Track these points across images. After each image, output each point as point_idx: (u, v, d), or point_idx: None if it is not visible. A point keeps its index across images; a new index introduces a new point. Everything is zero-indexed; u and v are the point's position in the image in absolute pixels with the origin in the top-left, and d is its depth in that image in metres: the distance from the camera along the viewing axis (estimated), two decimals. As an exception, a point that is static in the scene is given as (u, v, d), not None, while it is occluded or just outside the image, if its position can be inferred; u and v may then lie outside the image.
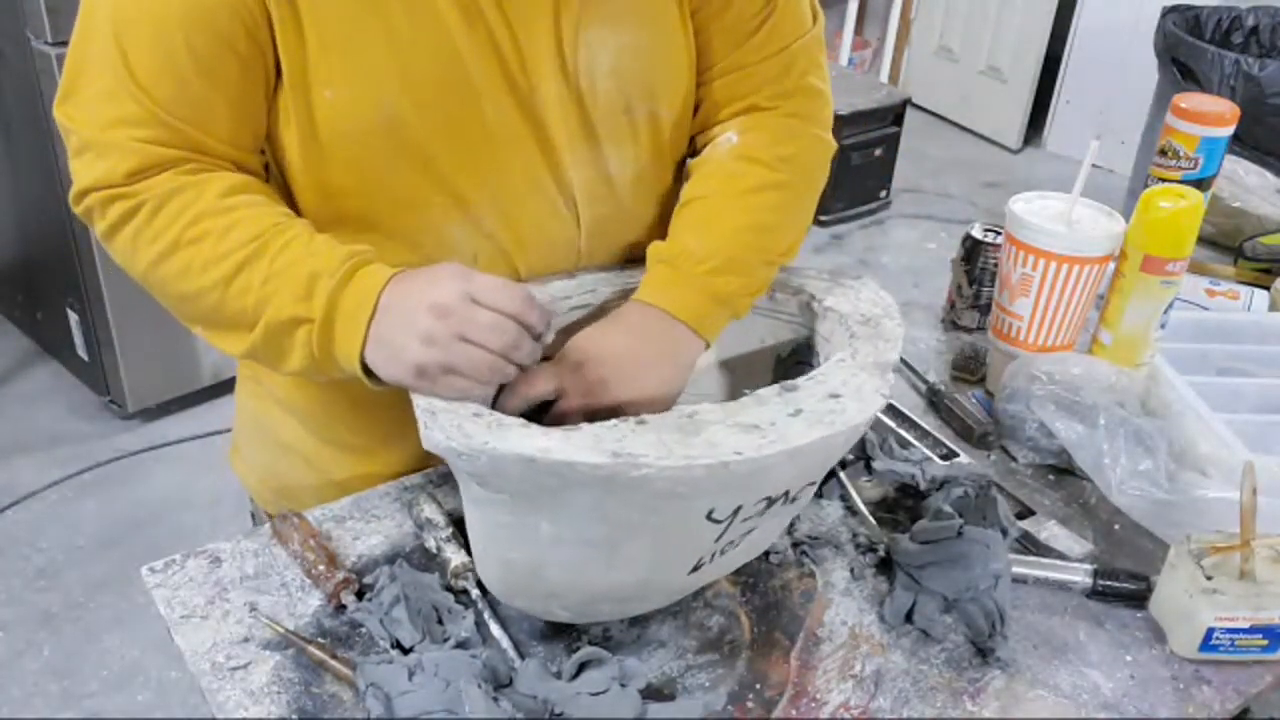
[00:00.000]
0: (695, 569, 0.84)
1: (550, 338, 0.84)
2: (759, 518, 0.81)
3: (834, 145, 1.05)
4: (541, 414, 0.88)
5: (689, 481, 0.73)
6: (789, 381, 0.82)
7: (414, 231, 0.93)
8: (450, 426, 0.75)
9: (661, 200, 1.06)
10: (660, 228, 1.07)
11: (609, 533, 0.78)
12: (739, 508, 0.78)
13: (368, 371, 0.83)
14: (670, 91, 0.99)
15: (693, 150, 1.05)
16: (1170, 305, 1.16)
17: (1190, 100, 1.38)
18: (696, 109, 1.03)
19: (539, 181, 0.95)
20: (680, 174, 1.06)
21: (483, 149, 0.91)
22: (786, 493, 0.80)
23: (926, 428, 1.18)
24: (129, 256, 0.88)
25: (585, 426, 0.76)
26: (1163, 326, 1.17)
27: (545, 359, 0.92)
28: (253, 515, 1.22)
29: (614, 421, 0.76)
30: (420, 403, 0.79)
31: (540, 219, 0.97)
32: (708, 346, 0.95)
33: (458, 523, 0.96)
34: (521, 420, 0.77)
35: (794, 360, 1.01)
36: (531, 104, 0.91)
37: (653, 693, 0.85)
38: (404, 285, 0.82)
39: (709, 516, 0.77)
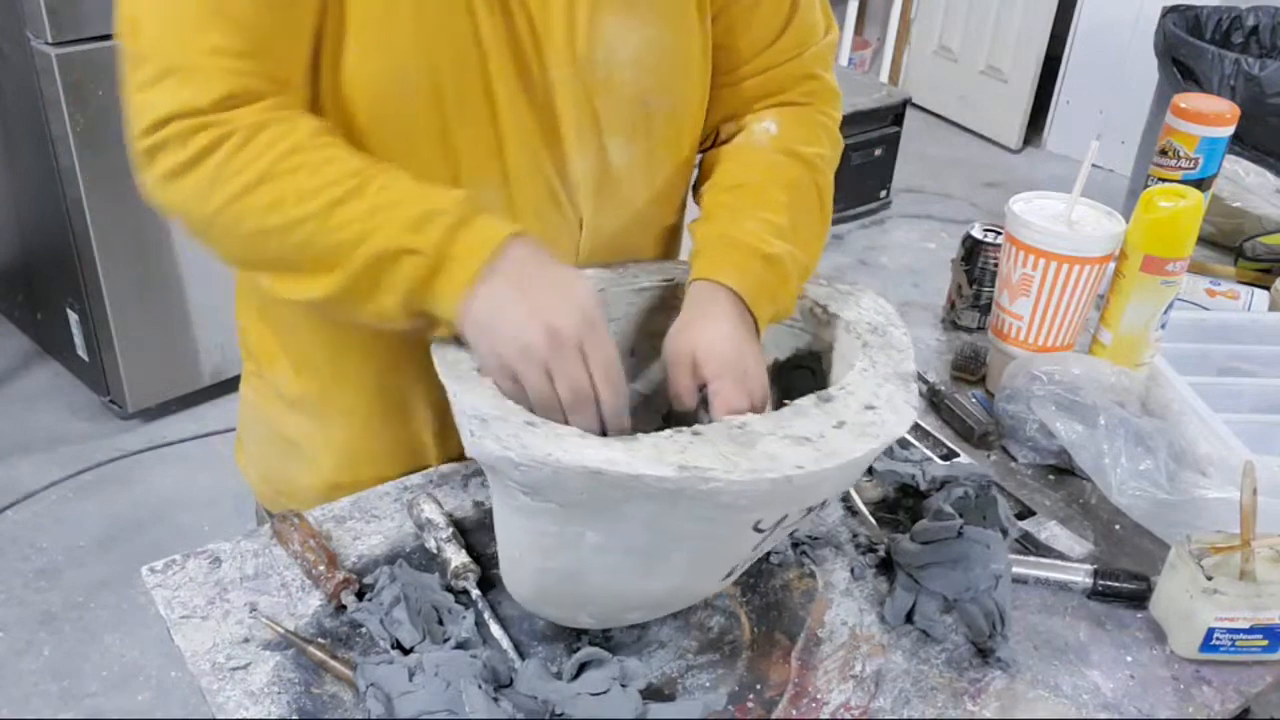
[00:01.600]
0: (728, 575, 0.85)
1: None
2: (794, 525, 0.82)
3: (843, 144, 1.08)
4: None
5: (753, 495, 0.73)
6: (824, 392, 0.82)
7: None
8: (507, 436, 0.73)
9: (666, 204, 1.06)
10: (666, 239, 1.07)
11: (656, 542, 0.78)
12: (784, 517, 0.79)
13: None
14: (685, 90, 1.00)
15: (714, 141, 1.06)
16: (1170, 305, 1.16)
17: (1190, 100, 1.38)
18: (725, 105, 1.04)
19: (542, 169, 0.95)
20: (686, 180, 1.07)
21: (489, 128, 0.91)
22: (825, 502, 0.82)
23: (926, 428, 1.18)
24: (203, 192, 0.84)
25: (642, 437, 0.75)
26: (1163, 326, 1.17)
27: None
28: (257, 512, 1.22)
29: (669, 432, 0.76)
30: (466, 409, 0.77)
31: (541, 208, 0.97)
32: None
33: (458, 523, 0.96)
34: (577, 430, 0.76)
35: (793, 365, 1.02)
36: (542, 89, 0.92)
37: (653, 693, 0.84)
38: (532, 261, 0.81)
39: (755, 527, 0.78)
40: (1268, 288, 1.44)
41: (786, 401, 0.82)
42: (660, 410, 0.99)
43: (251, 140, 0.82)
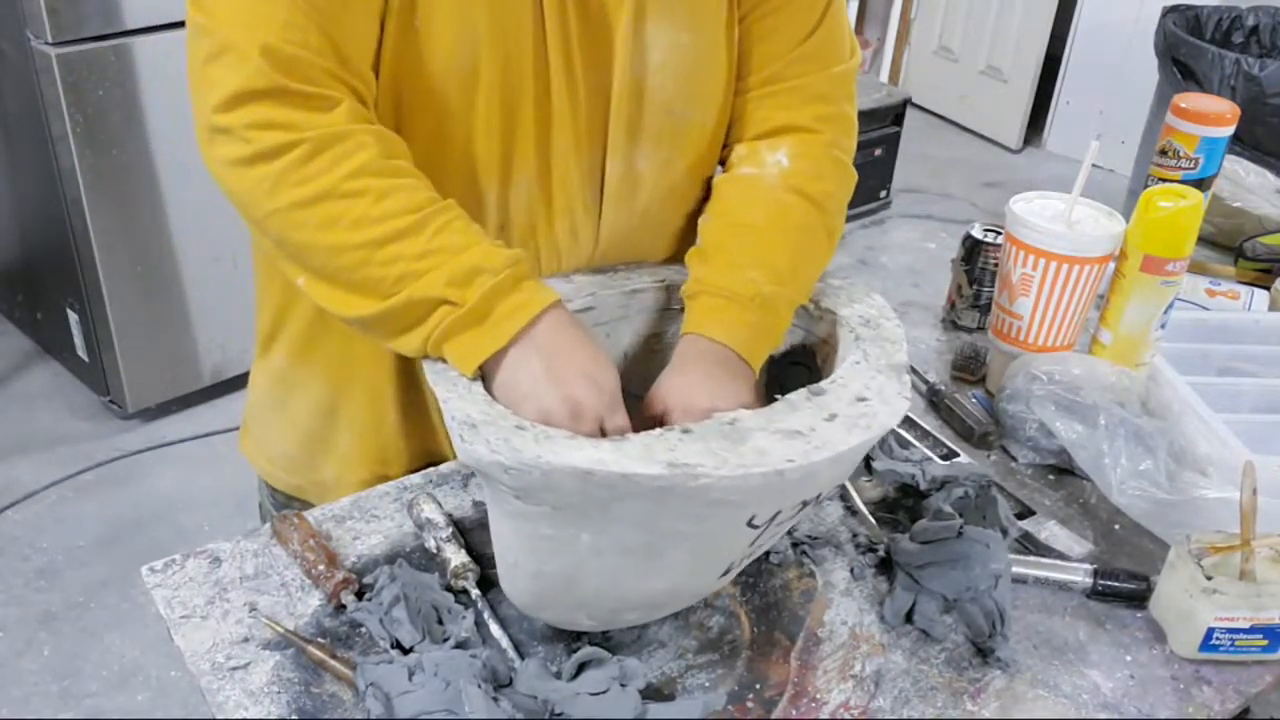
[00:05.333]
0: (725, 573, 0.85)
1: None
2: (789, 520, 0.82)
3: (856, 178, 1.05)
4: None
5: (744, 490, 0.73)
6: (815, 386, 0.82)
7: (456, 186, 0.91)
8: (496, 440, 0.73)
9: (681, 209, 1.06)
10: (677, 240, 1.07)
11: (651, 541, 0.78)
12: (778, 512, 0.79)
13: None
14: (709, 97, 0.99)
15: (725, 163, 1.05)
16: (1170, 305, 1.16)
17: (1190, 100, 1.38)
18: (732, 117, 1.03)
19: (581, 168, 0.96)
20: (702, 186, 1.06)
21: (537, 120, 0.92)
22: (819, 495, 0.82)
23: (926, 428, 1.18)
24: (264, 192, 0.83)
25: (632, 436, 0.75)
26: (1163, 326, 1.17)
27: None
28: (261, 504, 1.22)
29: (659, 431, 0.76)
30: (456, 415, 0.77)
31: (572, 205, 0.97)
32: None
33: (457, 522, 0.96)
34: (566, 431, 0.76)
35: (788, 361, 1.02)
36: (592, 90, 0.93)
37: (653, 693, 0.84)
38: (564, 333, 0.83)
39: (749, 523, 0.78)
40: (1268, 288, 1.44)
41: (778, 397, 0.82)
42: None
43: (318, 154, 0.81)
